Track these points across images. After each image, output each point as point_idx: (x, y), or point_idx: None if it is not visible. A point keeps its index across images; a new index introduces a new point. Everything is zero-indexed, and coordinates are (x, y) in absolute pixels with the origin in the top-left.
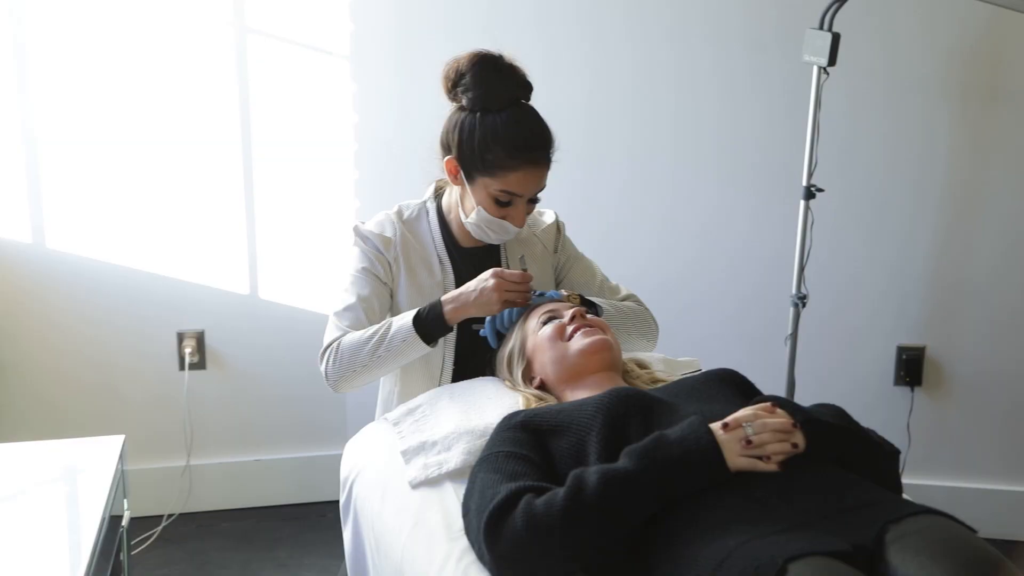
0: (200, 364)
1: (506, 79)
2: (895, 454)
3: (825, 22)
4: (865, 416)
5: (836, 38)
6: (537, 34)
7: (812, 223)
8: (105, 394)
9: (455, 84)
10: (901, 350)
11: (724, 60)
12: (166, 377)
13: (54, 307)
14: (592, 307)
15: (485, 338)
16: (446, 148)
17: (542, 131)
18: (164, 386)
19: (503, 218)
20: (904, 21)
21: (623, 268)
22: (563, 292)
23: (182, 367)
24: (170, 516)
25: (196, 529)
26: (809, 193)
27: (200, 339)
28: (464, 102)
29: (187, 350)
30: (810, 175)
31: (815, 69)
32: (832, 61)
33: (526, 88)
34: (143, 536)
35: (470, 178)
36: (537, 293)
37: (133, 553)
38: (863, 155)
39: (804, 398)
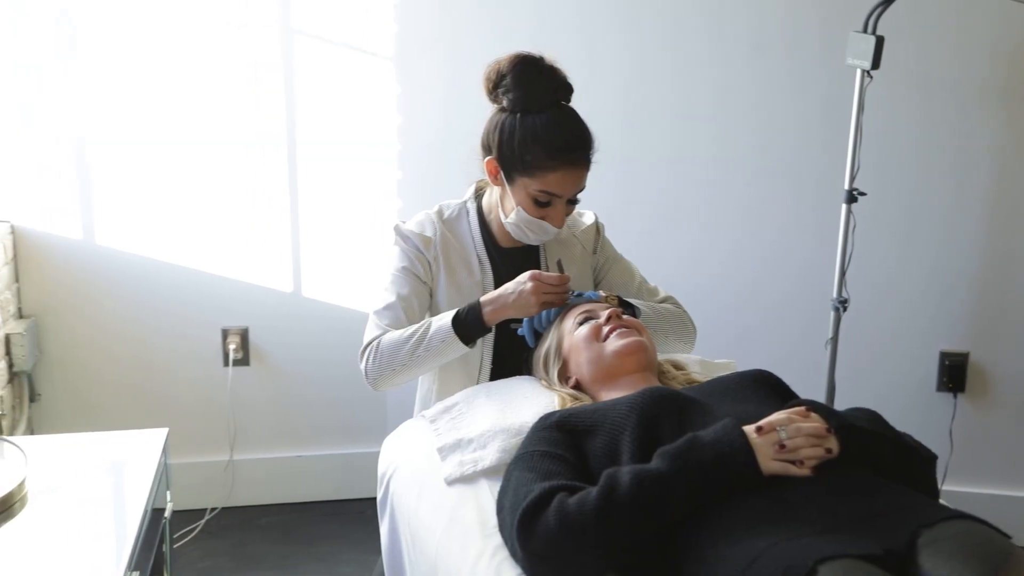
0: (244, 360)
1: (546, 80)
2: (932, 459)
3: (869, 25)
4: (906, 422)
5: (880, 41)
6: (578, 37)
7: (854, 227)
8: (151, 389)
9: (496, 85)
10: (944, 356)
11: (761, 63)
12: (210, 373)
13: (102, 302)
14: (630, 308)
15: (523, 337)
16: (487, 149)
17: (582, 132)
18: (208, 382)
19: (542, 218)
20: (945, 23)
21: (660, 269)
22: (601, 293)
23: (226, 363)
24: (213, 510)
25: (238, 523)
26: (851, 197)
27: (244, 336)
28: (505, 103)
29: (231, 346)
30: (852, 179)
31: (858, 72)
32: (876, 64)
33: (566, 89)
34: (187, 529)
35: (510, 178)
36: (575, 293)
37: (177, 545)
38: (903, 158)
39: (844, 403)
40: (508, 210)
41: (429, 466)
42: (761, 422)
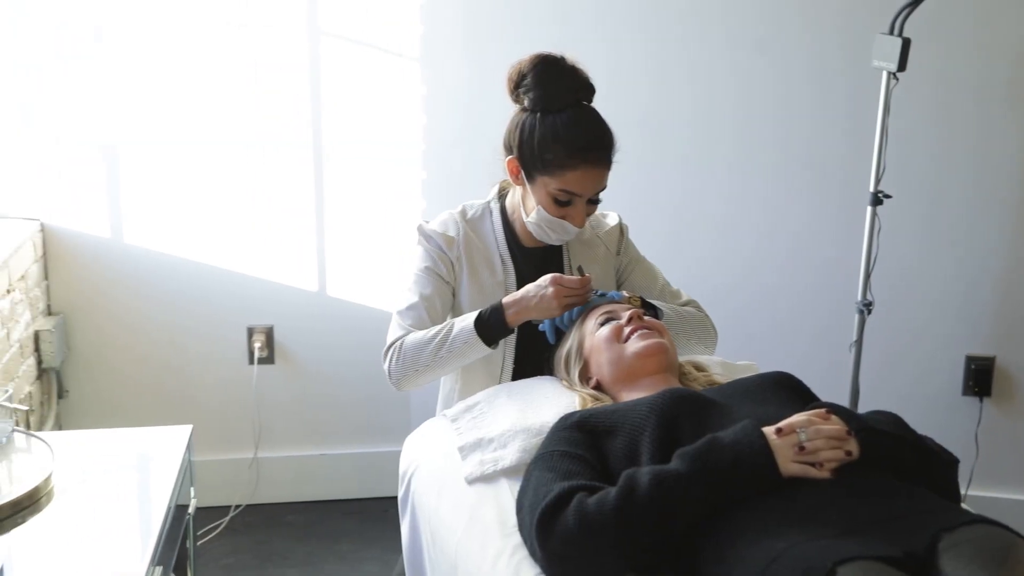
0: (269, 359)
1: (567, 80)
2: (953, 463)
3: (895, 27)
4: (932, 426)
5: (907, 43)
6: (602, 39)
7: (879, 229)
8: (177, 386)
9: (517, 85)
10: (970, 360)
11: (783, 64)
12: (236, 371)
13: (130, 300)
14: (652, 310)
15: (545, 335)
16: (508, 148)
17: (602, 131)
18: (234, 380)
19: (563, 218)
20: (968, 26)
21: (681, 270)
22: (624, 293)
23: (251, 361)
24: (238, 507)
25: (262, 520)
26: (876, 199)
27: (269, 334)
28: (526, 103)
29: (256, 345)
30: (878, 181)
31: (884, 74)
32: (902, 66)
33: (588, 89)
34: (211, 525)
35: (530, 177)
36: (598, 293)
37: (201, 542)
38: (925, 160)
39: (868, 406)
40: (529, 209)
41: (450, 465)
42: (781, 424)
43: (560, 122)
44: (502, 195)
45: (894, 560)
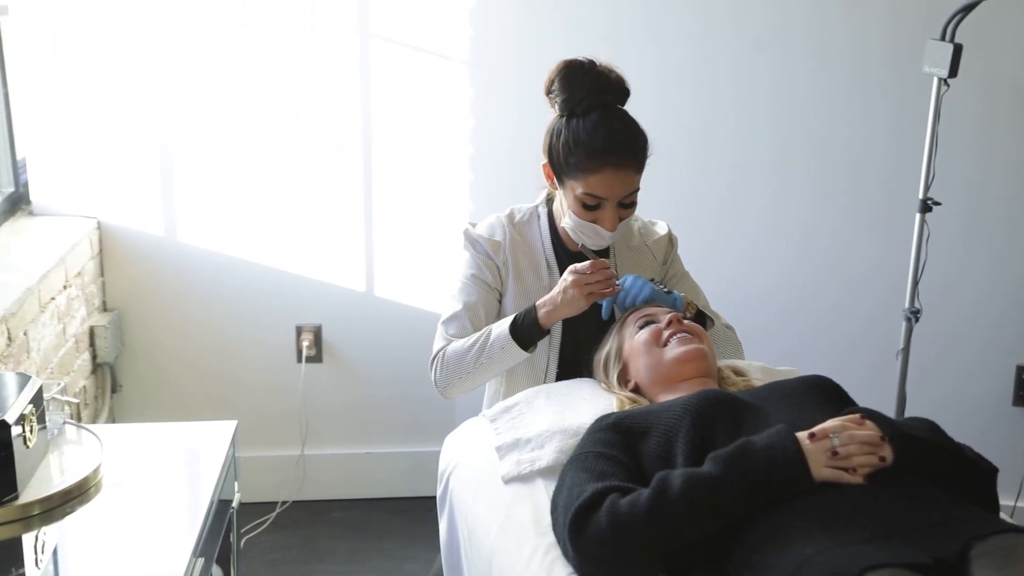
0: (317, 357)
1: (593, 83)
2: (991, 472)
3: (947, 33)
4: (981, 436)
5: (958, 49)
6: (650, 43)
7: (928, 236)
8: (226, 382)
9: (548, 91)
10: (1020, 370)
11: (828, 70)
12: (284, 369)
13: (181, 297)
14: (701, 321)
15: (589, 338)
16: (544, 153)
17: (626, 133)
18: (282, 377)
19: (593, 221)
20: (1013, 30)
21: (723, 272)
22: (685, 296)
23: (299, 359)
24: (284, 503)
25: (308, 517)
26: (926, 206)
27: (317, 333)
28: (556, 108)
29: (304, 343)
30: (927, 188)
31: (935, 80)
32: (953, 72)
33: (618, 92)
34: (258, 521)
35: (560, 181)
36: (664, 290)
37: (248, 537)
38: (972, 166)
39: (913, 414)
40: (564, 214)
41: (487, 464)
42: (814, 428)
43: (583, 125)
44: (550, 199)
45: (923, 567)
